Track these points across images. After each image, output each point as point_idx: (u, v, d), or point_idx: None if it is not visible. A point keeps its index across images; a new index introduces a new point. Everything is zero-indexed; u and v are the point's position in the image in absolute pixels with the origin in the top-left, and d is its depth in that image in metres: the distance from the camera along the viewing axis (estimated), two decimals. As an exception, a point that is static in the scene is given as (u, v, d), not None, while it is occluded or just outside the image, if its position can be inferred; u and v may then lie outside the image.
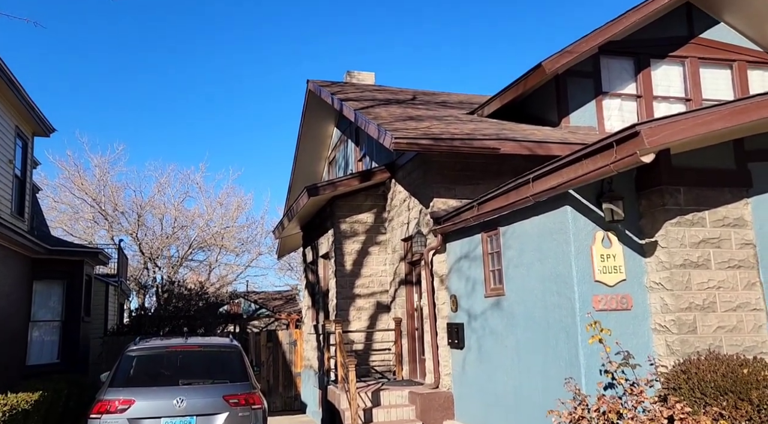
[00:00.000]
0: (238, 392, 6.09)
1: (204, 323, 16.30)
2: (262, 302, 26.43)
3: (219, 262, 27.22)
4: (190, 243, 25.54)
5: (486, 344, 7.57)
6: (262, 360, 14.19)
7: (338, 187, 10.85)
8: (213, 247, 26.28)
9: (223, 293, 23.97)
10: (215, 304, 20.10)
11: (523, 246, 6.78)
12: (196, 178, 27.48)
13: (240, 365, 6.45)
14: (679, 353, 5.50)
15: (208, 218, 26.28)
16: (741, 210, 5.88)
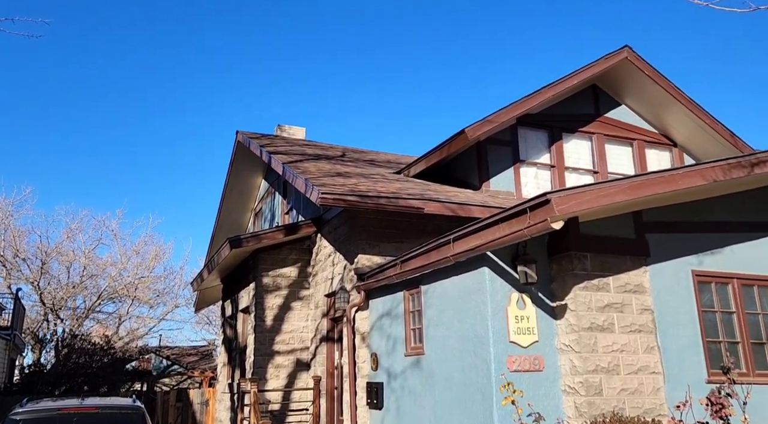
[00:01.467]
0: None
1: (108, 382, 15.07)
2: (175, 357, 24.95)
3: (130, 314, 25.58)
4: (99, 293, 23.93)
5: (404, 404, 7.49)
6: (170, 422, 13.24)
7: (262, 239, 10.69)
8: (125, 298, 24.73)
9: (132, 347, 22.45)
10: (122, 360, 18.72)
11: (443, 305, 6.89)
12: (111, 224, 26.11)
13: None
14: (586, 414, 5.68)
15: (121, 267, 24.85)
16: (640, 277, 6.31)
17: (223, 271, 12.69)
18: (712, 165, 6.02)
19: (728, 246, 6.76)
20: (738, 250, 6.80)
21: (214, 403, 13.68)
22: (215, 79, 58.05)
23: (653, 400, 5.92)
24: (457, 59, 66.74)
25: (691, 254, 6.58)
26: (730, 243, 6.78)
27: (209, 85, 57.55)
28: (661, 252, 6.43)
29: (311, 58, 65.93)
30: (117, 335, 23.62)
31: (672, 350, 6.15)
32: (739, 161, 6.12)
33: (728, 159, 6.17)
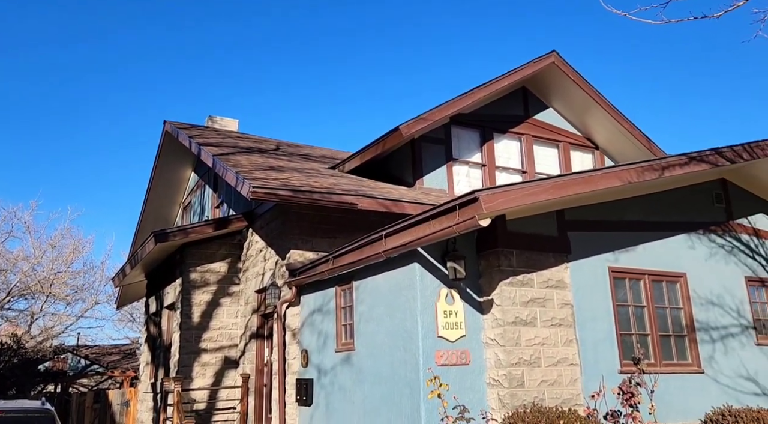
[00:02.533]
0: None
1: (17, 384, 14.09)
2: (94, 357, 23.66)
3: (44, 312, 24.02)
4: (9, 290, 22.31)
5: (334, 400, 7.48)
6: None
7: (190, 234, 10.34)
8: (38, 294, 23.19)
9: (46, 347, 21.07)
10: (34, 360, 17.54)
11: (374, 301, 6.93)
12: (24, 216, 24.37)
13: None
14: (509, 406, 5.89)
15: (35, 261, 23.27)
16: (562, 273, 6.60)
17: (148, 266, 12.18)
18: (627, 168, 6.38)
19: (641, 244, 7.20)
20: (649, 248, 7.25)
21: (136, 403, 13.12)
22: (142, 67, 55.57)
23: (571, 390, 6.22)
24: (395, 56, 67.28)
25: (608, 251, 6.96)
26: (642, 241, 7.22)
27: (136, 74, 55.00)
28: (581, 249, 6.76)
29: (245, 49, 64.41)
30: (29, 334, 22.11)
31: (589, 343, 6.48)
32: (651, 164, 6.52)
33: (641, 162, 6.57)
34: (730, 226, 8.04)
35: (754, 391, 7.31)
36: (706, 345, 7.22)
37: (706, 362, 7.14)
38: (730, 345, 7.40)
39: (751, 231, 8.20)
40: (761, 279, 8.06)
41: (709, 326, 7.34)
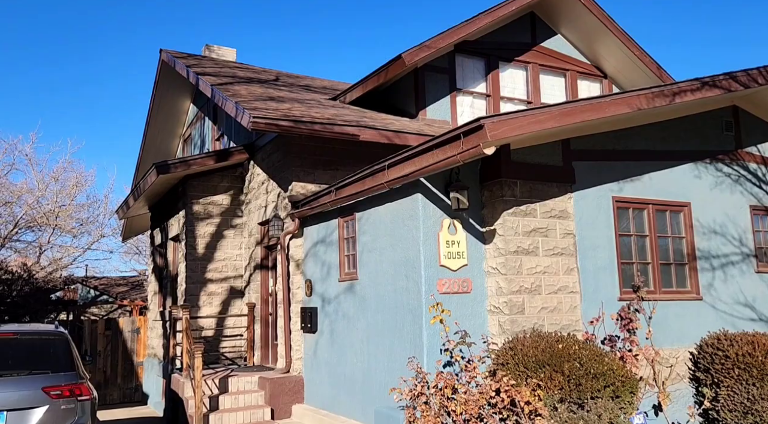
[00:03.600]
0: (61, 383, 5.51)
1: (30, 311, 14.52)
2: (103, 288, 24.22)
3: (52, 244, 24.38)
4: (15, 221, 22.53)
5: (338, 327, 7.68)
6: (99, 350, 13.05)
7: (192, 165, 10.27)
8: (45, 227, 23.45)
9: (56, 277, 21.53)
10: (45, 290, 17.96)
11: (377, 232, 6.96)
12: (24, 148, 24.20)
13: (65, 353, 5.84)
14: (509, 332, 6.03)
15: (39, 194, 23.33)
16: (565, 203, 6.58)
17: (151, 198, 12.21)
18: (638, 94, 6.20)
19: (647, 174, 7.13)
20: (655, 177, 7.19)
21: (146, 331, 13.55)
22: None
23: (570, 317, 6.35)
24: (397, -17, 64.41)
25: (613, 181, 6.90)
26: (648, 171, 7.15)
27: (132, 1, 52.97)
28: (586, 179, 6.70)
29: (242, -26, 61.60)
30: (38, 265, 22.54)
31: (589, 271, 6.55)
32: (662, 90, 6.34)
33: (652, 88, 6.38)
34: (739, 154, 7.93)
35: (751, 317, 7.47)
36: (706, 273, 7.31)
37: (705, 290, 7.25)
38: (729, 273, 7.48)
39: (760, 159, 8.10)
40: (766, 208, 8.04)
41: (710, 254, 7.40)
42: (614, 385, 5.20)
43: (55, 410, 5.40)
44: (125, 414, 11.33)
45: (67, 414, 5.45)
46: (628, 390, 5.27)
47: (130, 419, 10.82)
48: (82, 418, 5.56)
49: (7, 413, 5.27)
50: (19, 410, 5.30)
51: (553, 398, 5.12)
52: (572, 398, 5.10)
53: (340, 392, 7.48)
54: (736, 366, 6.17)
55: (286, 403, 8.23)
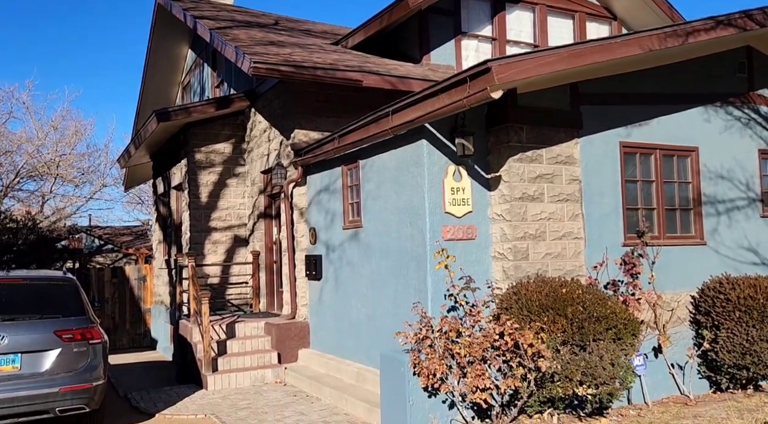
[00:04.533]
0: (72, 327, 5.62)
1: (36, 259, 14.71)
2: (108, 237, 24.41)
3: (54, 193, 24.45)
4: (16, 171, 22.49)
5: (343, 274, 7.76)
6: (106, 297, 13.29)
7: (192, 113, 10.13)
8: (46, 176, 23.43)
9: (60, 227, 21.69)
10: (50, 238, 18.13)
11: (381, 179, 6.91)
12: (22, 96, 23.88)
13: (75, 299, 5.92)
14: (513, 277, 6.08)
15: (39, 143, 23.21)
16: (572, 149, 6.49)
17: (152, 147, 12.10)
18: (649, 34, 6.00)
19: (655, 118, 7.00)
20: (663, 121, 7.06)
21: (152, 279, 13.75)
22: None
23: (574, 262, 6.38)
24: None
25: (621, 126, 6.78)
26: (656, 115, 7.01)
27: (120, -59, 50.79)
28: (593, 124, 6.58)
29: None
30: (42, 214, 22.70)
31: (594, 217, 6.54)
32: (674, 30, 6.13)
33: (664, 28, 6.16)
34: (750, 97, 7.76)
35: (754, 261, 7.50)
36: (711, 218, 7.29)
37: (709, 235, 7.26)
38: (734, 218, 7.47)
39: (771, 103, 7.94)
40: (775, 153, 7.95)
41: (716, 199, 7.36)
42: (616, 328, 5.28)
43: (68, 353, 5.52)
44: (135, 358, 11.65)
45: (80, 357, 5.58)
46: (629, 333, 5.35)
47: (140, 362, 11.13)
48: (94, 361, 5.69)
49: (22, 355, 5.39)
50: (32, 353, 5.42)
51: (556, 340, 5.21)
52: (575, 340, 5.19)
53: (345, 337, 7.64)
54: (737, 309, 6.25)
55: (293, 347, 8.43)
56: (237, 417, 6.30)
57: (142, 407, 6.92)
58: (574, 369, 5.05)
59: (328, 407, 6.57)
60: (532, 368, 5.07)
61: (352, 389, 6.69)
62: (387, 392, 5.69)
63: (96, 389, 5.63)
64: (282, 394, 7.28)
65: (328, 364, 7.71)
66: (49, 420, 5.59)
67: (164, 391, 7.78)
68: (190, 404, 6.99)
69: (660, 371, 6.45)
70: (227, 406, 6.79)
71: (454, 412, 5.49)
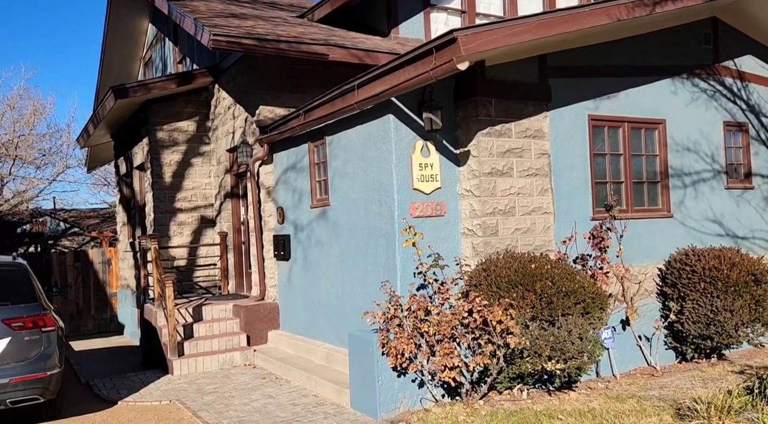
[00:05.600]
0: (22, 315, 5.35)
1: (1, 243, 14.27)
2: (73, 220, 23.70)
3: (14, 175, 23.55)
4: (-28, 152, 21.57)
5: (311, 254, 7.61)
6: (69, 282, 12.89)
7: (152, 89, 9.73)
8: (4, 158, 22.53)
9: (22, 210, 20.96)
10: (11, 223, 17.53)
11: (348, 156, 6.74)
12: (-27, 74, 22.83)
13: (25, 285, 5.63)
14: (482, 253, 6.01)
15: (-5, 123, 22.26)
16: (541, 122, 6.40)
17: (112, 125, 11.64)
18: (617, 4, 5.89)
19: (624, 90, 6.95)
20: (632, 94, 7.02)
21: (117, 262, 13.38)
22: None
23: (543, 237, 6.35)
24: None
25: (590, 98, 6.71)
26: (625, 87, 6.96)
27: None
28: (562, 97, 6.50)
29: None
30: (2, 197, 21.89)
31: (563, 192, 6.49)
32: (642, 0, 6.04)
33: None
34: (715, 69, 7.77)
35: (719, 232, 7.60)
36: (677, 191, 7.33)
37: (676, 207, 7.30)
38: (700, 190, 7.53)
39: (736, 74, 7.96)
40: (739, 123, 8.01)
41: (682, 172, 7.40)
42: (585, 302, 5.27)
43: (18, 341, 5.28)
44: (102, 344, 11.38)
45: (32, 345, 5.34)
46: (597, 307, 5.35)
47: (107, 348, 10.87)
48: (48, 349, 5.46)
49: None
50: None
51: (525, 316, 5.18)
52: (543, 315, 5.16)
53: (315, 317, 7.52)
54: (702, 280, 6.32)
55: (262, 329, 8.28)
56: (203, 402, 6.16)
57: (104, 395, 6.72)
58: (543, 344, 5.03)
59: (297, 389, 6.47)
60: (501, 345, 5.03)
61: (321, 371, 6.60)
62: (356, 372, 5.60)
63: (51, 378, 5.41)
64: (251, 377, 7.16)
65: (297, 345, 7.60)
66: (5, 412, 5.36)
67: (128, 377, 7.58)
68: (154, 390, 6.81)
69: (628, 344, 6.51)
70: (193, 391, 6.64)
71: (424, 391, 5.44)
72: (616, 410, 4.85)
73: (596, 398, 5.37)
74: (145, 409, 6.14)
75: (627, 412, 4.77)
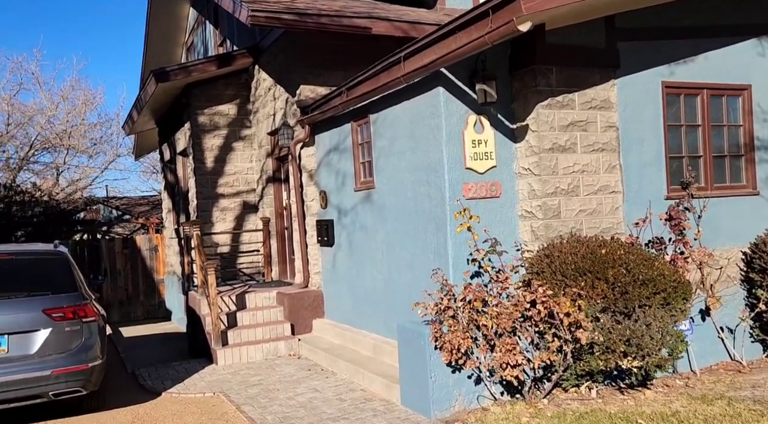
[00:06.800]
0: (63, 305, 5.18)
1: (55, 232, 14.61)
2: (125, 208, 24.25)
3: (68, 164, 24.22)
4: (30, 143, 22.24)
5: (356, 239, 7.22)
6: (118, 268, 13.01)
7: (192, 72, 9.51)
8: (59, 147, 23.17)
9: (77, 198, 21.53)
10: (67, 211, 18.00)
11: (394, 134, 6.28)
12: (30, 67, 23.46)
13: (66, 274, 5.45)
14: (543, 237, 5.47)
15: (50, 114, 22.85)
16: (608, 92, 5.75)
17: (156, 111, 11.55)
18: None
19: (702, 53, 6.18)
20: (712, 57, 6.24)
21: (163, 248, 13.42)
22: None
23: (611, 219, 5.73)
24: None
25: (663, 63, 5.99)
26: (704, 50, 6.19)
27: None
28: (632, 63, 5.81)
29: None
30: (58, 187, 22.55)
31: (633, 168, 5.84)
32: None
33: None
34: (810, 28, 6.87)
35: (815, 213, 6.76)
36: (764, 165, 6.53)
37: (763, 183, 6.51)
38: (792, 165, 6.70)
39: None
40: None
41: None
42: (665, 291, 4.67)
43: (59, 332, 5.11)
44: (150, 330, 11.41)
45: (73, 336, 5.17)
46: (680, 297, 4.74)
47: (154, 335, 10.88)
48: (90, 340, 5.28)
49: (9, 337, 4.99)
50: (20, 334, 5.01)
51: (595, 308, 4.63)
52: (617, 307, 4.60)
53: (360, 305, 7.16)
54: (798, 267, 5.58)
55: (306, 318, 7.99)
56: (247, 395, 5.90)
57: (148, 385, 6.57)
58: (617, 339, 4.48)
59: (343, 383, 6.13)
60: (569, 340, 4.51)
61: (369, 363, 6.23)
62: (406, 367, 5.19)
63: (93, 370, 5.23)
64: (296, 368, 6.87)
65: (343, 335, 7.26)
66: (48, 403, 5.23)
67: (173, 367, 7.43)
68: (198, 381, 6.62)
69: (708, 336, 5.85)
70: (237, 382, 6.39)
71: (481, 388, 4.98)
72: (705, 414, 4.26)
73: (677, 399, 4.78)
74: (188, 401, 5.93)
75: (718, 417, 4.17)
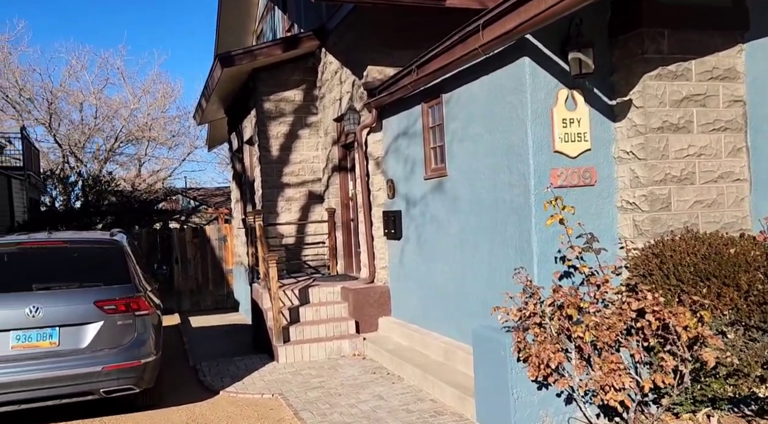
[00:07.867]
0: (115, 297, 4.89)
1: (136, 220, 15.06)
2: (202, 198, 24.90)
3: (149, 156, 25.15)
4: (116, 135, 23.26)
5: (426, 232, 6.57)
6: (189, 258, 13.06)
7: (257, 56, 9.17)
8: (141, 139, 24.08)
9: (157, 188, 22.31)
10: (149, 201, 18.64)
11: (469, 115, 5.57)
12: (116, 62, 24.55)
13: (120, 264, 5.16)
14: (648, 233, 4.60)
15: (133, 107, 23.78)
16: (733, 59, 4.77)
17: (223, 98, 11.38)
18: None
19: None
20: None
21: (232, 238, 13.36)
22: None
23: (735, 212, 4.77)
24: None
25: (806, 23, 4.92)
26: None
27: None
28: (765, 24, 4.79)
29: None
30: (140, 178, 23.48)
31: (764, 152, 4.82)
32: None
33: None
34: None
35: None
36: None
37: None
38: None
39: None
40: None
41: None
42: (817, 305, 3.70)
43: (111, 326, 4.83)
44: (218, 321, 11.32)
45: (125, 331, 4.87)
46: (837, 312, 3.75)
47: (221, 326, 10.75)
48: (143, 334, 4.97)
49: (60, 329, 4.75)
50: (71, 326, 4.76)
51: (722, 320, 3.74)
52: (753, 321, 3.69)
53: (430, 305, 6.51)
54: None
55: (372, 315, 7.44)
56: (306, 399, 5.42)
57: (207, 382, 6.25)
58: (753, 361, 3.58)
59: (411, 390, 5.52)
60: (687, 359, 3.66)
61: (439, 369, 5.58)
62: (483, 379, 4.51)
63: (146, 366, 4.92)
64: (359, 370, 6.34)
65: (411, 336, 6.65)
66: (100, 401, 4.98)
67: (234, 362, 7.11)
68: (258, 379, 6.23)
69: None
70: (297, 384, 5.94)
71: (573, 408, 4.22)
72: None
73: (826, 439, 3.82)
74: (245, 403, 5.53)
75: None
